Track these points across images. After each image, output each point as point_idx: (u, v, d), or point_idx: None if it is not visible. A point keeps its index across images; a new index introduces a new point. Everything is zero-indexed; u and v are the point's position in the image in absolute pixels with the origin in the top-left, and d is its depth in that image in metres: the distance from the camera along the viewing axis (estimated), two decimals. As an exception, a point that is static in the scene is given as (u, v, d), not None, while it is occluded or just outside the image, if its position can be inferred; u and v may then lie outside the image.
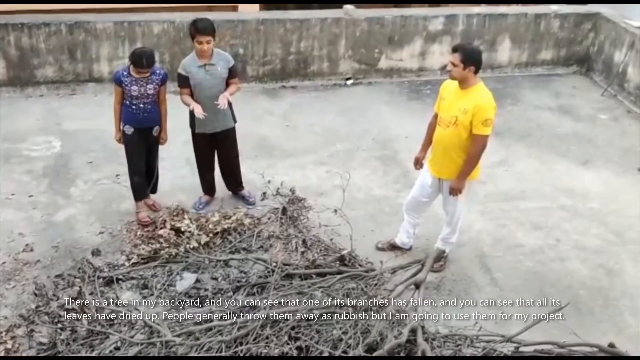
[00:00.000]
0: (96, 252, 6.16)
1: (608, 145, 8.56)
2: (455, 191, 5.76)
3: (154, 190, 6.81)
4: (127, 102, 6.24)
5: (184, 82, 6.37)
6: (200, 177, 6.96)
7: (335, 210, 6.30)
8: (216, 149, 6.79)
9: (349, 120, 8.83)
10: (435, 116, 5.86)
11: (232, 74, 6.47)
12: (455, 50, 5.51)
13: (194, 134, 6.65)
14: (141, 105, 6.25)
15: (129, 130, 6.33)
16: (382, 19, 9.79)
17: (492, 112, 5.52)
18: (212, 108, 6.37)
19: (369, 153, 8.09)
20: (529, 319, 5.46)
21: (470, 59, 5.44)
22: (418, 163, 6.08)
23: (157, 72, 6.27)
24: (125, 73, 6.18)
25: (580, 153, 8.34)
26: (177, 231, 6.25)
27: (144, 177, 6.58)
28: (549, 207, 7.23)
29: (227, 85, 6.45)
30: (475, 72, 5.50)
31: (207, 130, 6.54)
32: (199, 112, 6.26)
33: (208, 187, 6.97)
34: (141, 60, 6.06)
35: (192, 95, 6.41)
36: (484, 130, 5.50)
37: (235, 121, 6.67)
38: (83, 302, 5.37)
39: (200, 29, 6.21)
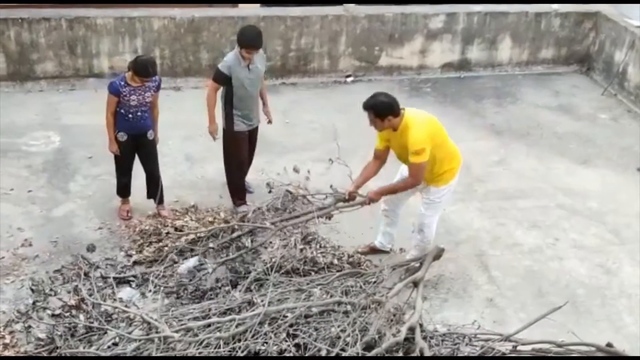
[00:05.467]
0: (91, 248, 6.17)
1: (607, 145, 8.56)
2: (369, 200, 5.83)
3: (161, 201, 6.65)
4: (123, 111, 6.17)
5: (222, 79, 6.36)
6: (232, 183, 6.82)
7: (330, 160, 6.24)
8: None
9: (348, 117, 8.81)
10: (375, 154, 5.94)
11: (265, 70, 6.69)
12: (366, 109, 5.59)
13: (232, 133, 6.58)
14: (139, 114, 6.22)
15: (122, 137, 6.29)
16: (383, 16, 9.78)
17: (420, 144, 5.48)
18: (252, 105, 6.54)
19: (369, 151, 8.05)
20: (527, 317, 5.48)
21: (382, 111, 5.53)
22: (349, 197, 6.00)
23: (154, 79, 6.19)
24: (122, 83, 6.08)
25: (579, 152, 8.35)
26: (177, 229, 6.25)
27: (130, 177, 6.59)
28: (547, 206, 7.24)
29: None
30: (396, 116, 5.53)
31: (246, 128, 6.61)
32: (213, 132, 6.51)
33: (242, 192, 6.86)
34: (147, 69, 5.97)
35: (228, 95, 6.41)
36: (415, 158, 5.54)
37: None
38: (82, 298, 5.38)
39: (251, 44, 6.25)
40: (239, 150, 6.70)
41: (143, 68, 5.97)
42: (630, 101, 9.57)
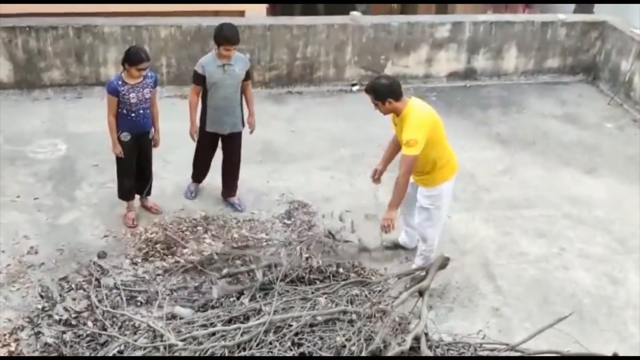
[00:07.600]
0: (102, 255, 6.17)
1: (613, 154, 8.54)
2: (387, 221, 5.59)
3: (148, 193, 6.78)
4: (125, 111, 6.18)
5: (198, 79, 6.46)
6: (194, 166, 7.04)
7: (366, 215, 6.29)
8: (223, 151, 6.84)
9: (354, 126, 8.83)
10: (393, 137, 5.88)
11: (248, 75, 6.59)
12: (367, 92, 5.57)
13: (202, 132, 6.69)
14: (140, 112, 6.23)
15: (126, 137, 6.29)
16: (389, 25, 9.80)
17: (413, 134, 5.38)
18: (226, 108, 6.52)
19: (375, 159, 8.06)
20: (532, 327, 5.47)
21: (382, 94, 5.46)
22: (376, 174, 6.02)
23: (150, 75, 6.23)
24: (120, 82, 6.10)
25: (585, 161, 8.33)
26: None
27: (133, 180, 6.60)
28: (553, 215, 7.22)
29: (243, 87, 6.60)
30: (397, 99, 5.48)
31: (217, 130, 6.64)
32: (193, 134, 6.62)
33: (194, 178, 7.10)
34: (139, 55, 6.01)
35: (204, 93, 6.49)
36: (406, 150, 5.43)
37: (243, 125, 6.73)
38: (89, 305, 5.40)
39: (229, 38, 6.32)
40: (201, 147, 6.82)
41: (136, 54, 6.02)
42: (636, 110, 9.55)
